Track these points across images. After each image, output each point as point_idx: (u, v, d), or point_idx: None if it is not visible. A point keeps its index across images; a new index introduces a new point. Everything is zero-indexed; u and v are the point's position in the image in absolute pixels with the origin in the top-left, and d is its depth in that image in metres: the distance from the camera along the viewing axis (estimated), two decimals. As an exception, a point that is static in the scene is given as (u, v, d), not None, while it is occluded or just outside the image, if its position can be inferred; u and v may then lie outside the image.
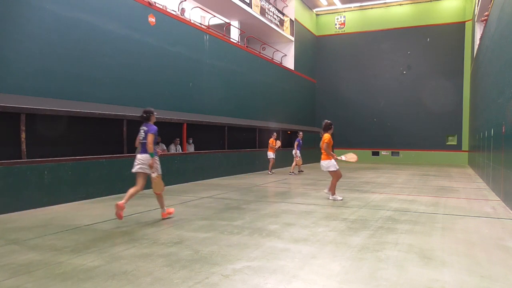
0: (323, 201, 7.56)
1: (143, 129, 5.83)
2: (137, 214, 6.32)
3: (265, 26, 18.44)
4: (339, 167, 7.71)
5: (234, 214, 6.33)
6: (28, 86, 7.52)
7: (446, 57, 21.31)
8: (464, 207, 7.11)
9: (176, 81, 11.71)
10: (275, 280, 3.30)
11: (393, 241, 4.57)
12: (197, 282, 3.25)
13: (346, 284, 3.23)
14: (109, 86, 9.35)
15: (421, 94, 21.73)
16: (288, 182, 11.35)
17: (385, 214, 6.33)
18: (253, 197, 8.19)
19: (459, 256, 4.01)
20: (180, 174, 10.62)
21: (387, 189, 9.53)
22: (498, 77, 8.67)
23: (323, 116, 24.33)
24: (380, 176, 13.33)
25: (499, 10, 8.89)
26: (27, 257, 3.96)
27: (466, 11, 20.99)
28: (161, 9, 11.24)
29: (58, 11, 8.05)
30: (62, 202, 7.23)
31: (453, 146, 21.39)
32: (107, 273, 3.47)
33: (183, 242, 4.52)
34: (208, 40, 13.25)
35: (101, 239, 4.67)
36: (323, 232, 5.03)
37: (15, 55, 7.31)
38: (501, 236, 4.91)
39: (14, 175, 6.47)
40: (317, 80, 24.49)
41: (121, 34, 9.61)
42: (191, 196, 8.25)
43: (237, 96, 15.15)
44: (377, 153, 22.93)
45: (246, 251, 4.15)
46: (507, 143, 6.96)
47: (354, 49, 23.49)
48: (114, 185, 8.47)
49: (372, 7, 23.11)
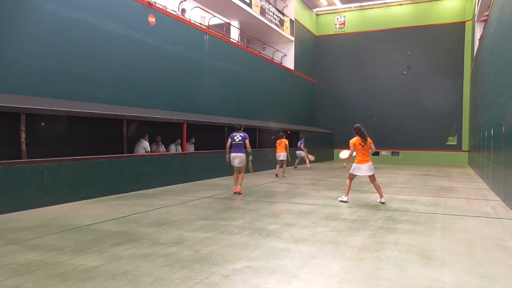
0: (323, 201, 7.56)
1: (240, 135, 8.51)
2: (137, 214, 6.32)
3: (265, 26, 18.44)
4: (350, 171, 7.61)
5: (234, 214, 6.33)
6: (28, 86, 7.52)
7: (446, 57, 21.32)
8: (464, 207, 7.11)
9: (176, 81, 11.71)
10: (275, 280, 3.30)
11: (393, 241, 4.57)
12: (197, 282, 3.25)
13: (346, 284, 3.23)
14: (109, 86, 9.36)
15: (421, 94, 21.73)
16: (288, 182, 11.35)
17: (385, 214, 6.33)
18: (253, 197, 8.19)
19: (459, 256, 4.01)
20: (180, 174, 10.62)
21: (387, 189, 9.53)
22: (498, 77, 8.67)
23: (323, 116, 24.42)
24: (380, 176, 13.32)
25: (499, 10, 8.89)
26: (27, 257, 3.96)
27: (466, 11, 20.99)
28: (161, 9, 11.24)
29: (58, 11, 8.05)
30: (62, 202, 7.22)
31: (453, 146, 21.39)
32: (107, 273, 3.47)
33: (183, 242, 4.52)
34: (208, 40, 13.26)
35: (101, 239, 4.67)
36: (323, 232, 5.03)
37: (15, 55, 7.31)
38: (501, 236, 4.91)
39: (14, 175, 6.47)
40: (317, 80, 24.49)
41: (121, 34, 9.61)
42: (191, 196, 8.25)
43: (237, 96, 15.15)
44: (377, 153, 22.90)
45: (246, 251, 4.15)
46: (507, 143, 6.96)
47: (354, 49, 23.49)
48: (114, 185, 8.47)
49: (372, 7, 23.11)
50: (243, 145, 8.50)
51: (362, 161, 7.33)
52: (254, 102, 16.59)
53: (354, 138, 7.43)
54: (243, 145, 8.49)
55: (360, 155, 7.36)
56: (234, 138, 8.50)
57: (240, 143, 8.47)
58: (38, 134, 7.63)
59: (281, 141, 13.02)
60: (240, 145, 8.47)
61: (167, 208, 6.86)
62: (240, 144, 8.47)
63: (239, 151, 8.47)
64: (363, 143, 7.32)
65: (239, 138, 8.45)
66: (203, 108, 12.97)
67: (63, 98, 8.21)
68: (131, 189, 8.87)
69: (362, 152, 7.34)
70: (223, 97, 14.15)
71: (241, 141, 8.46)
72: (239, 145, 8.46)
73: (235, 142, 8.50)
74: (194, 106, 12.53)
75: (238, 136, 8.48)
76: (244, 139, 8.48)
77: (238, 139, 8.46)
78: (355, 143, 7.35)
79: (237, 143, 8.48)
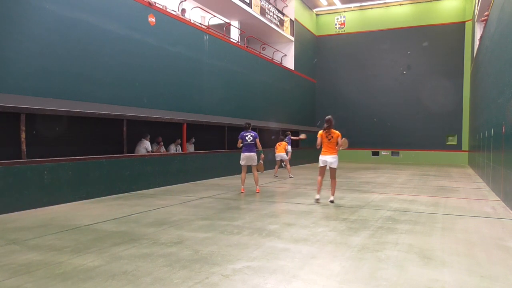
0: (323, 201, 7.56)
1: (251, 134, 8.60)
2: (137, 214, 6.32)
3: (265, 26, 18.44)
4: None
5: (234, 214, 6.33)
6: (28, 86, 7.52)
7: (446, 57, 21.31)
8: (464, 207, 7.11)
9: (176, 81, 11.71)
10: (275, 280, 3.30)
11: (393, 241, 4.57)
12: (197, 282, 3.25)
13: (346, 284, 3.23)
14: (109, 86, 9.35)
15: (421, 94, 21.73)
16: (288, 182, 11.36)
17: (385, 214, 6.33)
18: (253, 197, 8.19)
19: (459, 256, 4.01)
20: (180, 174, 10.62)
21: (387, 189, 9.53)
22: (498, 77, 8.67)
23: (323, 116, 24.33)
24: (380, 176, 13.33)
25: (499, 10, 8.89)
26: (27, 257, 3.96)
27: (466, 11, 20.99)
28: (161, 9, 11.24)
29: (58, 11, 8.05)
30: (62, 202, 7.22)
31: (453, 146, 21.39)
32: (107, 273, 3.47)
33: (183, 242, 4.52)
34: (208, 40, 13.25)
35: (101, 239, 4.67)
36: (323, 232, 5.03)
37: (15, 55, 7.31)
38: (501, 236, 4.91)
39: (14, 175, 6.47)
40: (317, 80, 24.49)
41: (121, 34, 9.61)
42: (191, 196, 8.25)
43: (237, 96, 15.14)
44: (377, 153, 22.93)
45: (246, 251, 4.15)
46: (507, 143, 6.96)
47: (354, 49, 23.48)
48: (114, 185, 8.47)
49: (372, 7, 23.11)
50: (255, 145, 8.60)
51: (326, 152, 7.37)
52: (254, 102, 16.59)
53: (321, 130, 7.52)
54: (254, 145, 8.60)
55: (325, 146, 7.41)
56: (246, 138, 8.53)
57: (251, 143, 8.56)
58: (38, 134, 7.63)
59: (281, 143, 13.27)
60: (251, 145, 8.57)
61: (167, 208, 6.86)
62: (252, 144, 8.57)
63: (251, 150, 8.57)
64: (329, 136, 7.33)
65: (251, 138, 8.52)
66: (203, 108, 12.97)
67: (63, 98, 8.20)
68: (131, 189, 8.87)
69: (327, 144, 7.37)
70: (223, 97, 14.14)
71: (252, 141, 8.55)
72: (251, 145, 8.55)
73: (246, 142, 8.55)
74: (194, 106, 12.52)
75: (250, 136, 8.55)
76: (255, 138, 8.55)
77: (250, 139, 8.53)
78: (322, 135, 7.42)
79: (248, 143, 8.55)
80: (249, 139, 8.50)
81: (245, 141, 8.50)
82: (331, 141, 7.34)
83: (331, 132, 7.35)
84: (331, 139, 7.34)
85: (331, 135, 7.33)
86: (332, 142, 7.34)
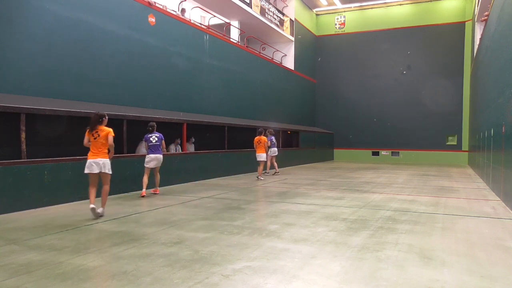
0: (323, 201, 7.56)
1: (155, 135, 8.46)
2: (137, 214, 6.32)
3: (265, 26, 18.44)
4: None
5: (234, 214, 6.33)
6: (28, 86, 7.52)
7: (446, 57, 21.32)
8: (464, 207, 7.11)
9: (176, 81, 11.71)
10: (275, 280, 3.30)
11: (393, 241, 4.57)
12: (197, 282, 3.25)
13: (346, 284, 3.23)
14: (109, 86, 9.35)
15: (421, 94, 21.74)
16: (288, 182, 11.35)
17: (385, 214, 6.32)
18: (253, 197, 8.19)
19: (459, 256, 4.01)
20: (180, 174, 10.62)
21: (387, 189, 9.53)
22: (498, 77, 8.67)
23: (323, 116, 24.42)
24: (380, 176, 13.33)
25: (499, 10, 8.89)
26: (27, 257, 3.96)
27: (466, 11, 20.99)
28: (161, 9, 11.24)
29: (58, 11, 8.05)
30: (62, 202, 7.22)
31: (453, 146, 21.39)
32: (107, 273, 3.47)
33: (183, 242, 4.52)
34: (208, 40, 13.26)
35: (101, 239, 4.67)
36: (323, 232, 5.03)
37: (15, 55, 7.31)
38: (501, 236, 4.91)
39: (14, 175, 6.47)
40: (317, 80, 24.49)
41: (121, 34, 9.61)
42: (191, 196, 8.25)
43: (237, 96, 15.15)
44: (377, 153, 22.93)
45: (246, 251, 4.15)
46: (507, 143, 6.96)
47: (354, 49, 23.49)
48: (114, 185, 8.45)
49: (372, 7, 23.11)
50: (160, 146, 8.55)
51: (92, 155, 5.93)
52: (254, 102, 16.59)
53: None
54: (160, 146, 8.53)
55: (91, 147, 5.93)
56: (150, 139, 8.43)
57: (157, 144, 8.47)
58: (38, 134, 7.63)
59: (260, 139, 11.81)
60: (157, 146, 8.46)
61: (167, 208, 6.86)
62: (158, 145, 8.47)
63: (157, 152, 8.46)
64: (95, 134, 5.92)
65: (156, 139, 8.44)
66: (203, 108, 12.97)
67: (63, 98, 8.20)
68: (131, 189, 8.87)
69: (94, 144, 5.91)
70: (223, 97, 14.14)
71: (157, 141, 8.48)
72: (156, 146, 8.46)
73: (151, 143, 8.44)
74: (194, 106, 12.52)
75: (154, 137, 8.46)
76: (160, 139, 8.52)
77: (155, 140, 8.46)
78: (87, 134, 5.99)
79: (154, 144, 8.43)
80: (154, 140, 8.43)
81: (150, 143, 8.40)
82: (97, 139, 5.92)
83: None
84: (97, 138, 5.94)
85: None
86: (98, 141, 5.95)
